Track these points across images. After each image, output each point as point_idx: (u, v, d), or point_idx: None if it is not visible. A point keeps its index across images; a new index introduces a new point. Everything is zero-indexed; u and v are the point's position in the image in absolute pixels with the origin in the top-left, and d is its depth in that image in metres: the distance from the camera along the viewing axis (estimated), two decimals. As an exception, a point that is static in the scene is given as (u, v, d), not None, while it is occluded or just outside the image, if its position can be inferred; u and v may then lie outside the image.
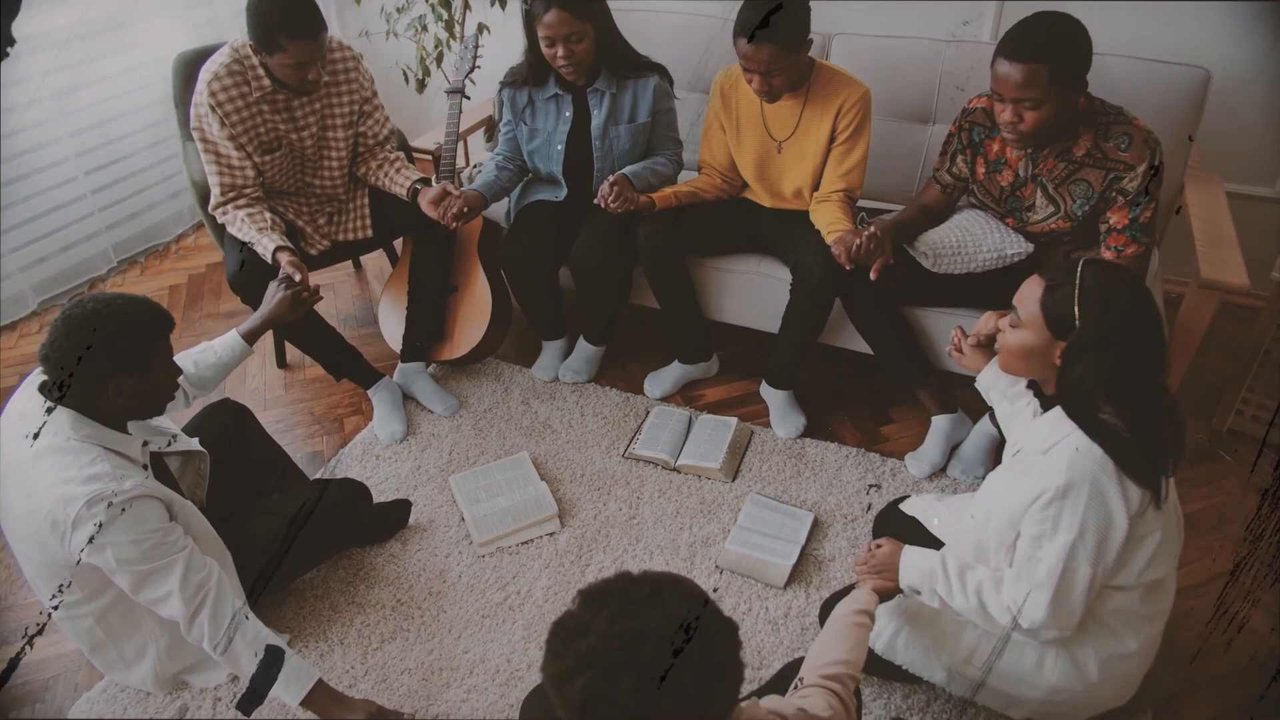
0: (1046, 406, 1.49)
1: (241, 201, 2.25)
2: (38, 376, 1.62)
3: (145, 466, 1.65)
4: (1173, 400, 1.40)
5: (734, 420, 2.40)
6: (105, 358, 1.50)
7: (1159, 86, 2.28)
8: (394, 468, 2.33)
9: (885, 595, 1.59)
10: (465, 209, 2.30)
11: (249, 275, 2.20)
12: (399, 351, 2.57)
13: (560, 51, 2.22)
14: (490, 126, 2.93)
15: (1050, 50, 1.77)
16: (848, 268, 2.02)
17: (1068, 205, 1.98)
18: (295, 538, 1.87)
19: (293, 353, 2.76)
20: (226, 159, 2.21)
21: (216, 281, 3.19)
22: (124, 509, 1.51)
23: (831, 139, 2.23)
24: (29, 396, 1.59)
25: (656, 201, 2.33)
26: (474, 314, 2.56)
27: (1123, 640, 1.49)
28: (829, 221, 2.20)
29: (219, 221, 2.29)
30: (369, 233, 2.50)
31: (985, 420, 2.28)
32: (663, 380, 2.61)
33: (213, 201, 2.27)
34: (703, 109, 2.64)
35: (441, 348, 2.59)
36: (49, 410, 1.53)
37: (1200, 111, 2.30)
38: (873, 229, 2.00)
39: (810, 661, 1.36)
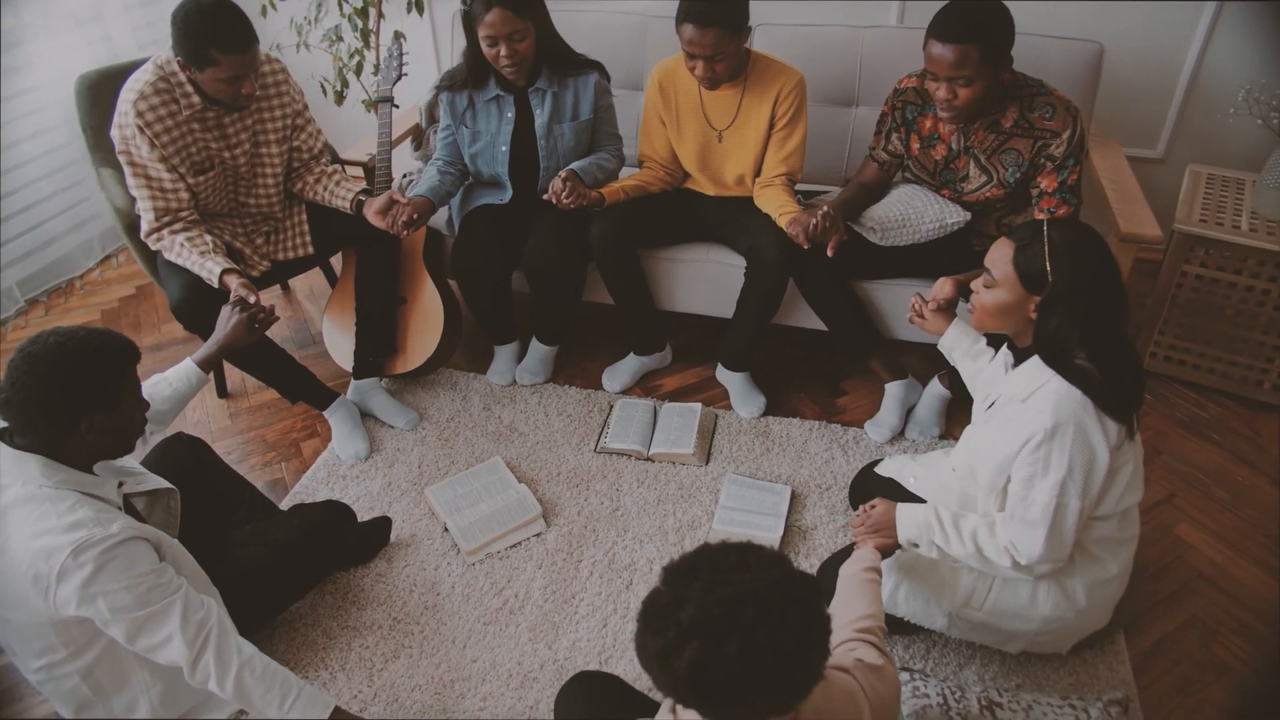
0: (1020, 358, 1.60)
1: (178, 226, 2.15)
2: None
3: (120, 508, 1.57)
4: (1133, 343, 1.54)
5: (698, 406, 2.46)
6: (77, 394, 1.42)
7: (1059, 60, 2.45)
8: (364, 486, 2.27)
9: (885, 552, 1.67)
10: (414, 216, 2.26)
11: (195, 302, 2.11)
12: (350, 369, 2.50)
13: (503, 51, 2.21)
14: (418, 135, 2.88)
15: (979, 30, 1.90)
16: (806, 247, 2.10)
17: (1000, 174, 2.12)
18: (288, 566, 1.81)
19: (233, 380, 2.65)
20: (158, 182, 2.11)
21: (135, 315, 3.01)
22: (114, 554, 1.43)
23: (771, 125, 2.31)
24: None
25: (606, 197, 2.36)
26: (426, 324, 2.52)
27: (1105, 566, 1.62)
28: (777, 205, 2.27)
29: (153, 249, 2.18)
30: (309, 250, 2.42)
31: (934, 382, 2.41)
32: (620, 374, 2.63)
33: (145, 228, 2.16)
34: (630, 106, 2.70)
35: (395, 361, 2.54)
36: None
37: (1097, 82, 2.51)
38: (825, 208, 2.09)
39: (837, 621, 1.42)
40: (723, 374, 2.58)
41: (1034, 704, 1.60)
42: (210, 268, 2.09)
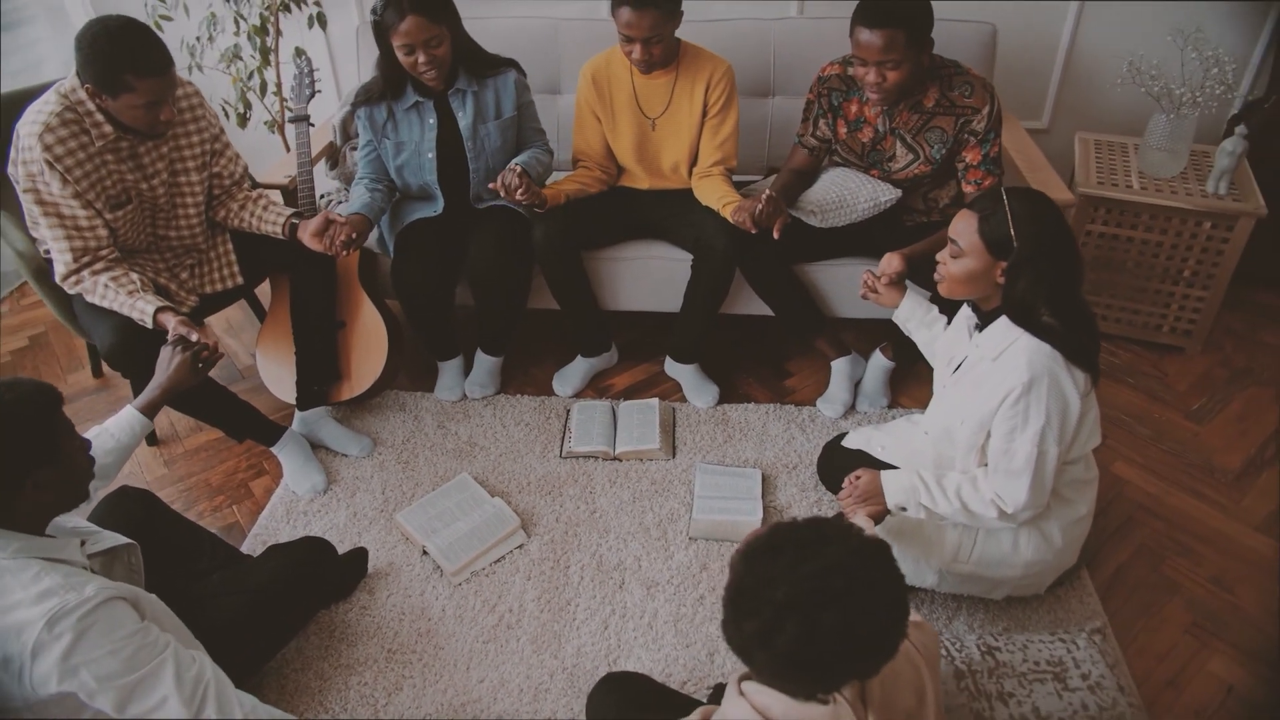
0: (985, 320, 1.70)
1: (99, 265, 2.00)
2: None
3: (87, 569, 1.46)
4: (1085, 300, 1.66)
5: (656, 401, 2.48)
6: (10, 456, 1.31)
7: (959, 41, 2.60)
8: (328, 520, 2.18)
9: (876, 519, 1.74)
10: (353, 235, 2.19)
11: (129, 345, 1.97)
12: (293, 401, 2.39)
13: (421, 57, 2.17)
14: (332, 154, 2.77)
15: (904, 15, 2.00)
16: (753, 231, 2.15)
17: (926, 151, 2.23)
18: (270, 610, 1.72)
19: (162, 426, 2.48)
20: (73, 220, 1.96)
21: (33, 367, 2.78)
22: (93, 619, 1.33)
23: (704, 112, 2.36)
24: None
25: (548, 199, 2.35)
26: (369, 346, 2.43)
27: (1076, 506, 1.74)
28: (719, 195, 2.32)
29: (71, 292, 2.03)
30: (239, 280, 2.30)
31: (876, 355, 2.51)
32: (571, 377, 2.63)
33: (61, 271, 2.00)
34: (548, 110, 2.69)
35: (340, 387, 2.45)
36: None
37: (994, 60, 2.67)
38: (768, 192, 2.15)
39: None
40: (673, 367, 2.61)
41: (1028, 643, 1.71)
42: (142, 307, 1.96)
